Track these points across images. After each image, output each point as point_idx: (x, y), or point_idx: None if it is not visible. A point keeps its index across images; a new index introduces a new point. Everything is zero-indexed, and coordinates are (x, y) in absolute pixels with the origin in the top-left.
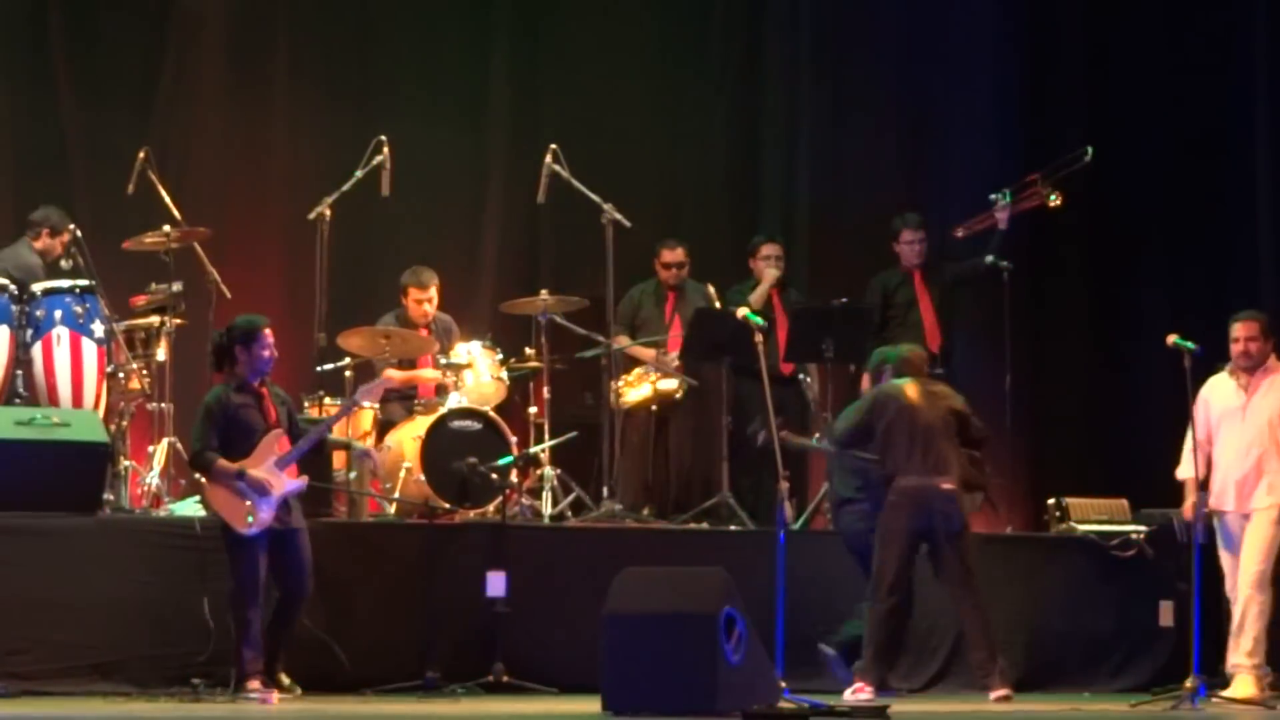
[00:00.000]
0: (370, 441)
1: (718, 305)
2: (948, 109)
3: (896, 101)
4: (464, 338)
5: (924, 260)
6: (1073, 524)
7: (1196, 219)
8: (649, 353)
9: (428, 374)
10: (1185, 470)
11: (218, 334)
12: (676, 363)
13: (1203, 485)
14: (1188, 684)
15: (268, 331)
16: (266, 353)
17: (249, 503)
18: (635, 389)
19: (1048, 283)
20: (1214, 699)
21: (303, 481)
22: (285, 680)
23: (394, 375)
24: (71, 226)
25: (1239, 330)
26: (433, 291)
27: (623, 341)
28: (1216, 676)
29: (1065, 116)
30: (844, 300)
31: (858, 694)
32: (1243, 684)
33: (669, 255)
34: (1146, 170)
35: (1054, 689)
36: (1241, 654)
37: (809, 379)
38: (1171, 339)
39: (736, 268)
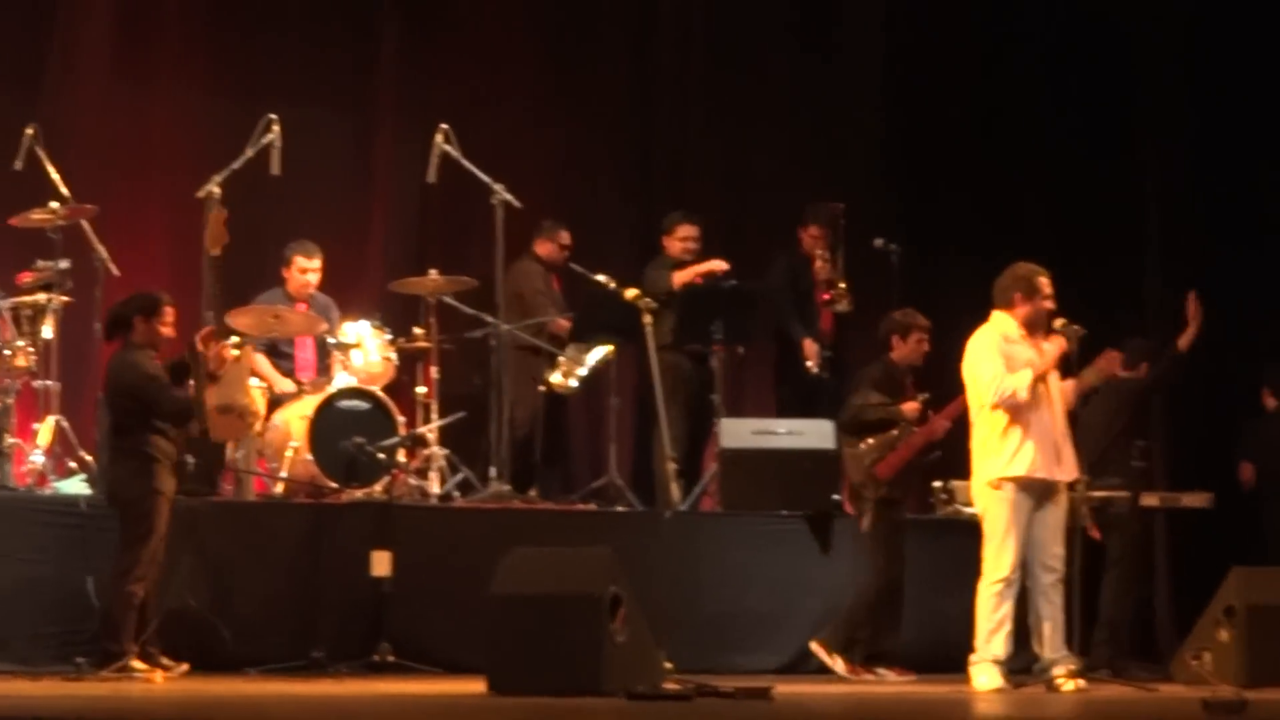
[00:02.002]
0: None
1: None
2: (839, 98)
3: (790, 84)
4: (352, 317)
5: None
6: (959, 506)
7: (1083, 199)
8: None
9: None
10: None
11: (119, 303)
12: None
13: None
14: (1070, 665)
15: (169, 309)
16: (164, 329)
17: None
18: (577, 371)
19: (934, 264)
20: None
21: None
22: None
23: None
24: None
25: (1047, 286)
26: (318, 263)
27: (560, 324)
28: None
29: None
30: (733, 282)
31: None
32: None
33: (567, 236)
34: (1034, 150)
35: (945, 669)
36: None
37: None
38: (1060, 322)
39: (626, 249)
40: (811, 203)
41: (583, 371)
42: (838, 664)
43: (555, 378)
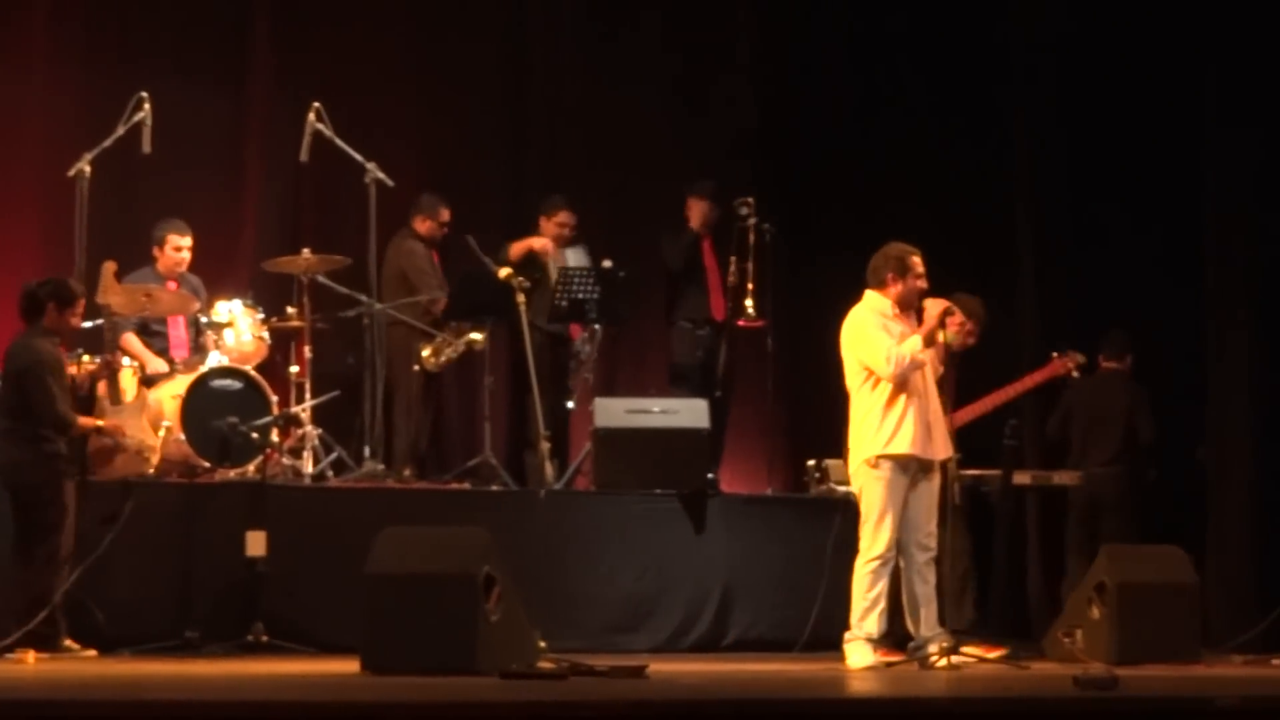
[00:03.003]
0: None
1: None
2: (715, 73)
3: (666, 63)
4: (224, 296)
5: (714, 228)
6: (833, 485)
7: (959, 177)
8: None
9: None
10: (913, 343)
11: (35, 283)
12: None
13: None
14: (944, 643)
15: (83, 302)
16: (75, 320)
17: None
18: (447, 351)
19: (810, 244)
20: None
21: None
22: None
23: None
24: None
25: (920, 265)
26: (189, 241)
27: (439, 303)
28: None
29: (830, 82)
30: (609, 264)
31: None
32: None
33: (447, 214)
34: (911, 127)
35: (818, 649)
36: (935, 625)
37: None
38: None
39: (500, 229)
40: (700, 178)
41: (453, 352)
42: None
43: (425, 353)
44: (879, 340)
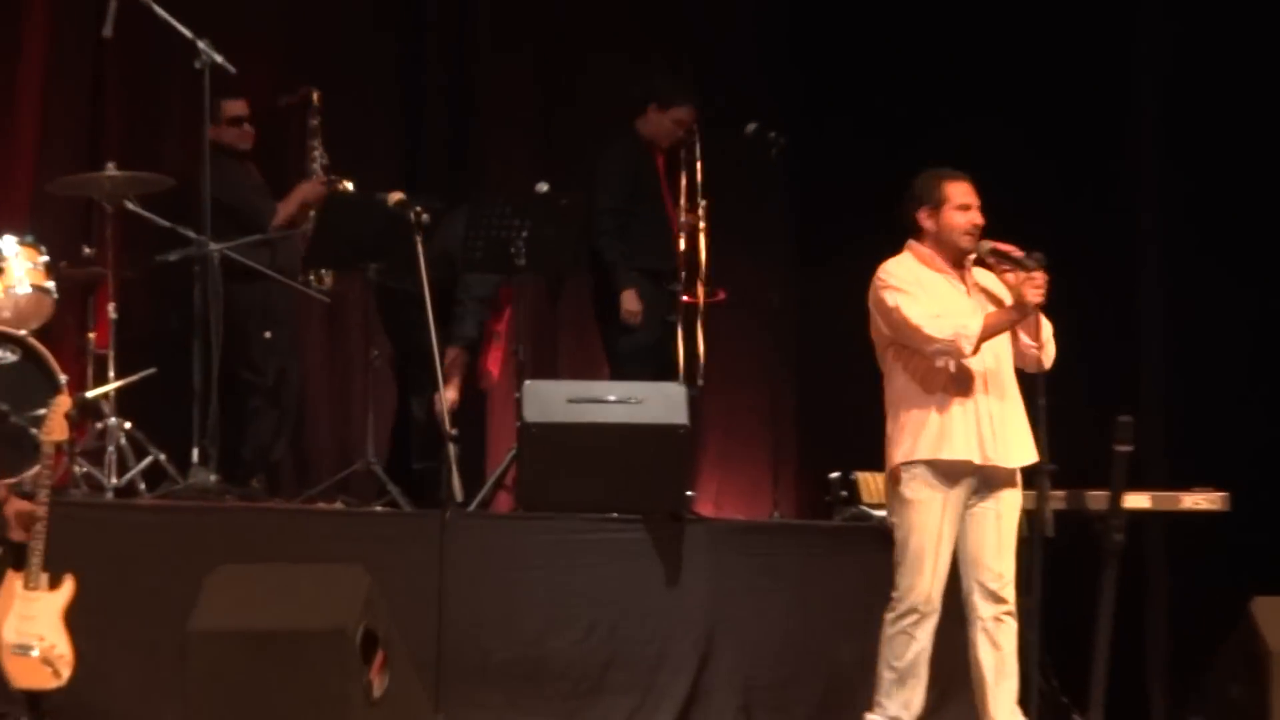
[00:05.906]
0: None
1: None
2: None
3: None
4: None
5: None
6: (865, 507)
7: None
8: None
9: None
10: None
11: None
12: None
13: None
14: None
15: None
16: None
17: None
18: None
19: (839, 172)
20: None
21: None
22: None
23: None
24: None
25: (964, 193)
26: None
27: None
28: None
29: None
30: (545, 187)
31: None
32: None
33: (241, 106)
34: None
35: None
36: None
37: None
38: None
39: (392, 145)
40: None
41: None
42: None
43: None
44: (909, 302)
